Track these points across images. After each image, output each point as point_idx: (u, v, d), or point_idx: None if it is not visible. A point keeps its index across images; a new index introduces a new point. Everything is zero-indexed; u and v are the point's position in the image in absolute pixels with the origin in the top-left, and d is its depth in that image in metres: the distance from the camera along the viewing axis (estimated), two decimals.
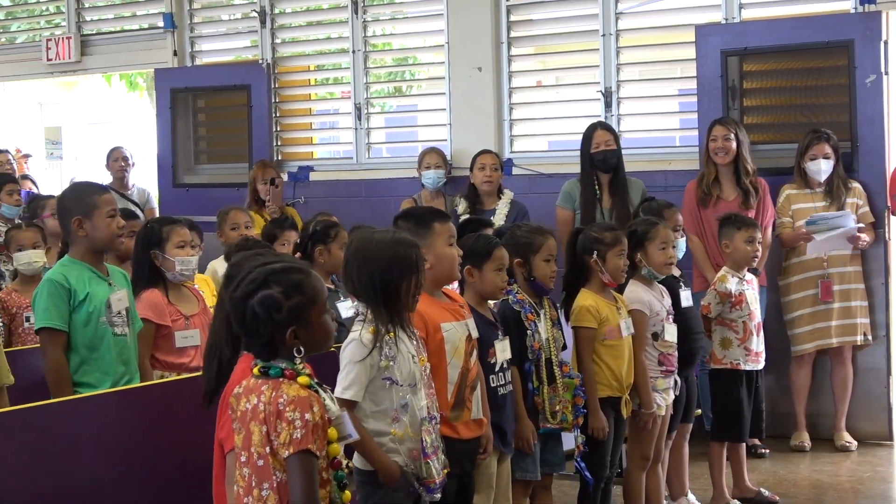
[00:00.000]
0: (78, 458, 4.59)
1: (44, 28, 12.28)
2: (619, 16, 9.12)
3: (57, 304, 5.24)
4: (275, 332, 3.48)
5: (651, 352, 6.21)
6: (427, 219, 4.92)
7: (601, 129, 8.34)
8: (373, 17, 10.26)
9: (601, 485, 5.98)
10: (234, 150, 10.91)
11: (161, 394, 5.18)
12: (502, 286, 5.30)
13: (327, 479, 3.47)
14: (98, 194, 5.44)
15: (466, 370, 4.81)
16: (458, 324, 4.84)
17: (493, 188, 8.70)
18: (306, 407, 3.36)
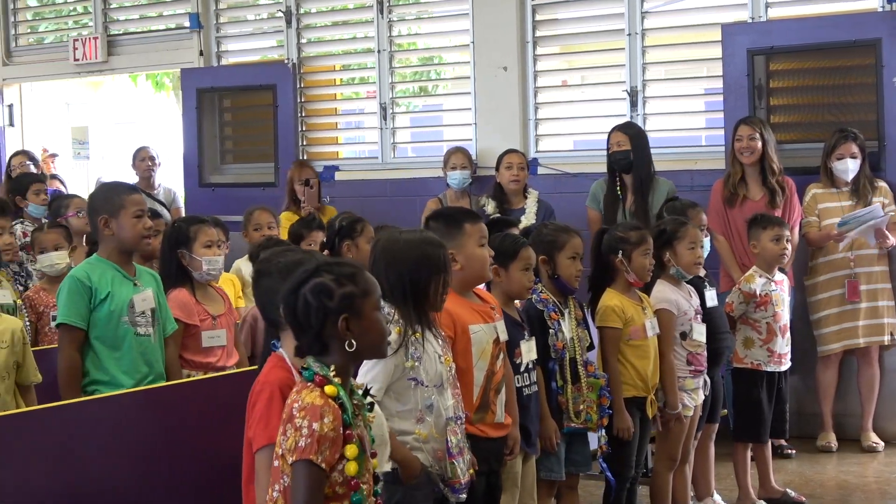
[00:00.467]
0: (103, 457, 4.60)
1: (71, 28, 12.35)
2: (645, 15, 9.10)
3: (76, 302, 5.26)
4: (326, 320, 3.40)
5: (679, 351, 6.19)
6: (458, 219, 4.91)
7: (616, 131, 8.37)
8: (398, 17, 10.27)
9: (626, 485, 5.97)
10: (259, 149, 10.94)
11: (188, 393, 5.19)
12: (529, 286, 5.29)
13: (343, 494, 3.38)
14: (126, 194, 5.45)
15: (492, 372, 4.80)
16: (487, 326, 4.83)
17: (519, 187, 8.70)
18: (316, 416, 3.29)
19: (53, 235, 6.93)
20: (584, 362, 5.61)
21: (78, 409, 4.73)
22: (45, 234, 6.89)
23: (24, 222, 8.37)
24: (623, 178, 8.33)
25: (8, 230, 6.49)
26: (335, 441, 3.31)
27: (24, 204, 8.80)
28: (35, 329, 6.55)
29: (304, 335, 3.44)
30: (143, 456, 4.76)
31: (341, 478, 3.36)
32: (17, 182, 9.24)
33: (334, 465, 3.33)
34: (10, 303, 6.33)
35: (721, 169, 8.45)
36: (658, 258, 6.13)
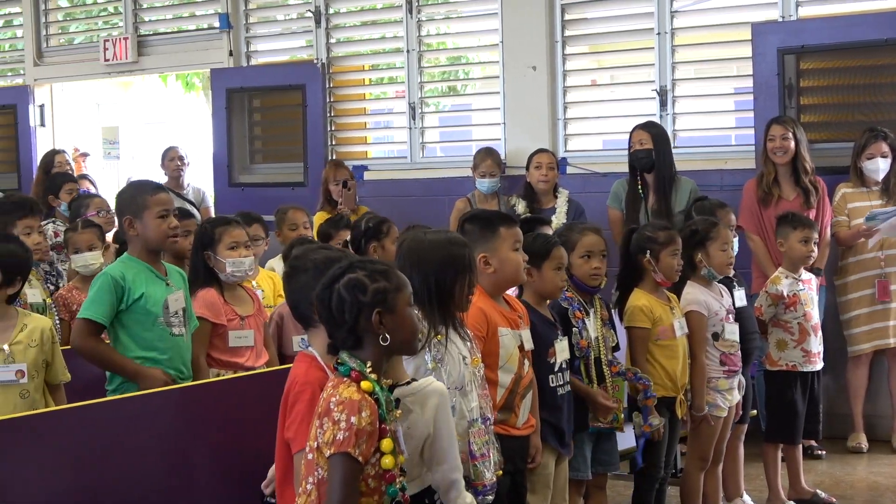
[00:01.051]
0: (130, 456, 4.61)
1: (101, 29, 12.41)
2: (675, 14, 9.08)
3: (104, 299, 5.27)
4: (360, 315, 3.46)
5: (712, 352, 6.17)
6: (494, 223, 4.91)
7: (639, 129, 8.36)
8: (427, 17, 10.28)
9: (655, 485, 5.96)
10: (288, 149, 10.97)
11: (215, 392, 5.20)
12: (562, 285, 5.29)
13: (376, 488, 3.43)
14: (150, 194, 5.44)
15: (519, 377, 4.81)
16: (513, 332, 4.84)
17: (548, 187, 8.70)
18: (354, 410, 3.34)
19: (88, 235, 6.96)
20: (609, 362, 5.60)
21: (105, 409, 4.74)
22: (80, 234, 6.92)
23: (56, 222, 8.41)
24: (645, 177, 8.32)
25: (37, 229, 6.52)
26: (371, 435, 3.36)
27: (57, 203, 8.84)
28: (67, 328, 6.57)
29: (339, 330, 3.49)
30: (170, 455, 4.77)
31: (374, 471, 3.41)
32: (51, 181, 9.29)
33: (368, 459, 3.38)
34: (40, 302, 6.36)
35: (751, 169, 8.43)
36: (689, 259, 6.12)
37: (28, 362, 4.88)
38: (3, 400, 4.82)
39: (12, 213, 6.41)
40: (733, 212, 7.02)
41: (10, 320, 4.92)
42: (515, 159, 9.34)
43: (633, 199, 8.33)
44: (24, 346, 4.89)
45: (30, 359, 4.89)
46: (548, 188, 8.70)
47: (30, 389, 4.89)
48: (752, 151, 8.54)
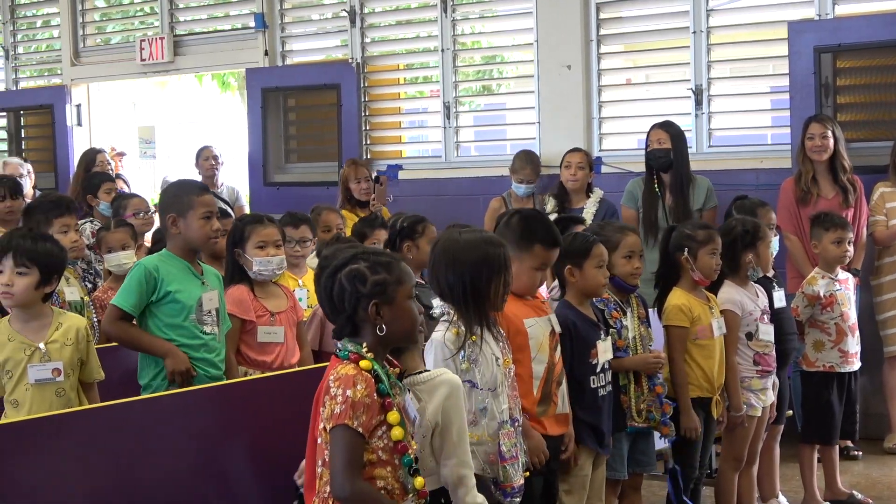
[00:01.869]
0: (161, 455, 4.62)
1: (138, 29, 12.48)
2: (710, 12, 9.04)
3: (135, 290, 5.32)
4: (358, 305, 3.58)
5: (745, 352, 6.15)
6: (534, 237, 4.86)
7: (657, 128, 8.33)
8: (461, 16, 10.28)
9: (690, 485, 5.94)
10: (323, 148, 10.99)
11: (250, 390, 5.21)
12: (604, 283, 5.29)
13: (387, 460, 3.54)
14: (196, 195, 5.49)
15: (552, 365, 4.81)
16: (542, 319, 4.84)
17: (578, 186, 8.67)
18: (349, 384, 3.45)
19: (120, 235, 6.99)
20: None
21: (139, 407, 4.76)
22: (112, 234, 6.95)
23: (94, 221, 8.45)
24: (661, 176, 8.29)
25: (73, 227, 6.55)
26: (370, 407, 3.47)
27: (96, 203, 8.88)
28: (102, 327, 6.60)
29: (338, 317, 3.63)
30: (203, 453, 4.78)
31: (382, 443, 3.52)
32: (88, 181, 9.34)
33: (374, 432, 3.49)
34: (78, 300, 6.39)
35: (787, 168, 8.39)
36: (735, 259, 6.10)
37: (64, 361, 4.91)
38: (40, 398, 4.84)
39: (49, 212, 6.44)
40: (773, 210, 7.00)
41: (46, 319, 4.95)
42: (550, 158, 9.33)
43: (649, 198, 8.29)
44: (59, 344, 4.92)
45: (65, 357, 4.92)
46: (577, 187, 8.68)
47: (65, 388, 4.91)
48: (788, 150, 8.50)
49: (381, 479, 3.54)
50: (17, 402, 4.84)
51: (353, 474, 3.44)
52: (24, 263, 4.84)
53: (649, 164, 8.32)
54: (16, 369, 4.83)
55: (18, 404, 4.83)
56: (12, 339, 4.85)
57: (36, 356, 4.85)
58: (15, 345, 4.84)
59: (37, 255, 4.88)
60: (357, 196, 9.18)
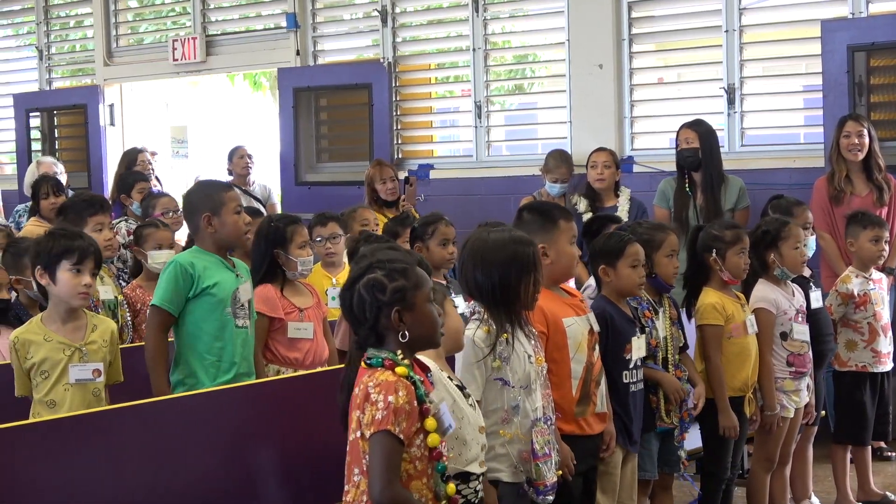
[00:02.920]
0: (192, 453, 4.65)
1: (170, 29, 12.53)
2: (743, 11, 9.01)
3: (173, 287, 5.31)
4: (379, 314, 3.59)
5: (779, 352, 6.11)
6: (553, 215, 4.94)
7: (685, 128, 8.29)
8: (493, 15, 10.28)
9: (722, 486, 5.92)
10: (355, 148, 11.01)
11: (281, 389, 5.23)
12: (640, 281, 5.29)
13: (423, 470, 3.54)
14: (225, 191, 5.54)
15: (591, 364, 4.81)
16: (580, 318, 4.84)
17: (605, 186, 8.63)
18: (390, 390, 3.45)
19: (168, 233, 7.02)
20: (676, 363, 5.58)
21: (170, 406, 4.79)
22: (161, 231, 6.95)
23: (129, 220, 8.48)
24: (693, 175, 8.26)
25: (107, 226, 6.58)
26: (410, 414, 3.47)
27: (129, 202, 8.93)
28: (133, 326, 6.62)
29: (361, 328, 3.64)
30: (233, 452, 4.81)
31: (419, 452, 3.52)
32: (122, 181, 9.39)
33: (412, 441, 3.49)
34: (112, 298, 6.43)
35: (820, 167, 8.34)
36: (761, 259, 6.08)
37: (101, 361, 4.95)
38: (80, 398, 4.87)
39: (83, 211, 6.47)
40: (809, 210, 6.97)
41: (81, 320, 4.98)
42: (581, 158, 9.29)
43: (680, 197, 8.25)
44: (97, 345, 4.96)
45: (100, 358, 4.96)
46: (604, 187, 8.64)
47: (100, 388, 4.96)
48: (821, 149, 8.45)
49: (416, 491, 3.54)
50: (55, 402, 4.85)
51: (392, 480, 3.44)
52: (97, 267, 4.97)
53: (680, 164, 8.29)
54: (53, 370, 4.85)
55: (56, 405, 4.85)
56: (49, 339, 4.88)
57: (76, 356, 4.88)
58: (53, 345, 4.87)
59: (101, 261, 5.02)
60: (383, 196, 9.18)
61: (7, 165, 14.01)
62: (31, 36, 14.01)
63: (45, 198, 8.12)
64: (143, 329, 6.61)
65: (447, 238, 6.43)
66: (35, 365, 4.86)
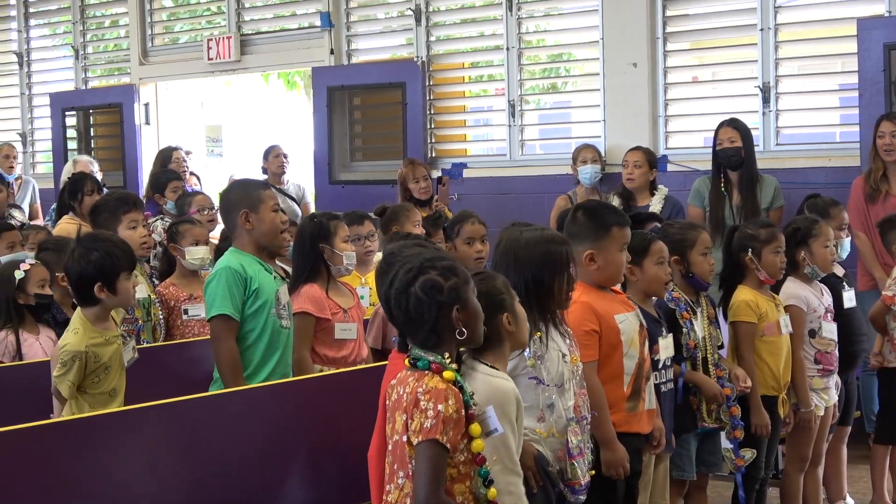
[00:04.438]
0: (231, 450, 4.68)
1: (205, 28, 12.58)
2: (779, 9, 8.96)
3: (233, 293, 5.27)
4: (439, 314, 3.55)
5: (807, 349, 6.10)
6: (608, 221, 4.88)
7: (726, 127, 8.23)
8: (527, 14, 10.27)
9: (756, 486, 5.90)
10: (388, 147, 11.03)
11: (317, 388, 5.24)
12: (666, 279, 5.27)
13: (467, 474, 3.54)
14: (262, 189, 5.52)
15: (642, 360, 4.81)
16: (630, 314, 4.85)
17: (636, 185, 8.59)
18: (441, 398, 3.43)
19: (205, 231, 7.05)
20: (715, 363, 5.56)
21: (204, 403, 4.81)
22: (199, 228, 6.97)
23: (165, 219, 8.52)
24: (728, 174, 8.21)
25: (141, 223, 6.61)
26: (458, 423, 3.46)
27: (163, 201, 8.97)
28: (168, 324, 6.65)
29: (419, 331, 3.58)
30: (270, 450, 4.82)
31: (463, 457, 3.51)
32: (156, 180, 9.43)
33: (457, 445, 3.48)
34: (146, 297, 6.46)
35: (856, 166, 8.29)
36: (791, 257, 6.05)
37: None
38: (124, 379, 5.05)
39: (117, 209, 6.49)
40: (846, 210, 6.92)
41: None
42: (615, 156, 9.30)
43: (717, 197, 8.21)
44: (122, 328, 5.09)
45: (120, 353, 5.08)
46: (636, 186, 8.60)
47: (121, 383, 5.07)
48: (857, 149, 8.40)
49: (460, 494, 3.55)
50: (115, 390, 4.99)
51: (437, 489, 3.43)
52: None
53: (718, 163, 8.24)
54: (112, 362, 4.97)
55: (116, 391, 4.99)
56: (108, 339, 4.98)
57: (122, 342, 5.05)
58: (110, 341, 4.98)
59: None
60: (416, 195, 9.18)
61: (43, 164, 14.10)
62: (67, 35, 14.10)
63: (90, 194, 8.14)
64: (178, 325, 6.66)
65: (472, 237, 6.43)
66: (102, 365, 4.94)
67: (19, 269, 5.82)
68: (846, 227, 6.69)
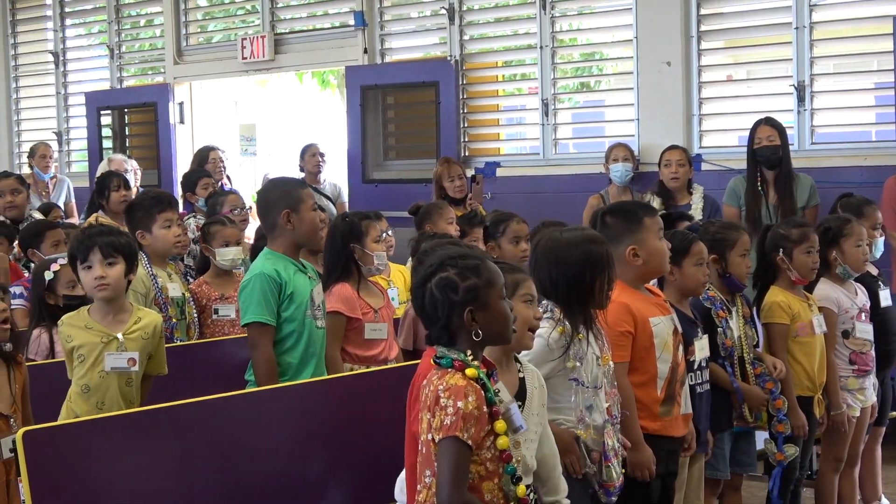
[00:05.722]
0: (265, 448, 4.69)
1: (239, 27, 12.63)
2: (814, 8, 8.91)
3: (268, 299, 5.26)
4: (452, 313, 3.55)
5: (841, 350, 6.07)
6: (637, 213, 4.90)
7: (765, 125, 8.18)
8: (560, 13, 10.25)
9: (791, 486, 5.87)
10: (422, 146, 11.04)
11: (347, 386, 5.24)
12: (704, 280, 5.26)
13: (494, 471, 3.54)
14: (301, 189, 5.51)
15: (676, 364, 4.79)
16: (665, 318, 4.82)
17: (679, 184, 8.59)
18: (460, 395, 3.43)
19: (236, 231, 7.06)
20: (752, 361, 5.54)
21: (237, 402, 4.82)
22: (229, 229, 6.98)
23: (198, 217, 8.56)
24: (764, 173, 8.17)
25: (176, 222, 6.63)
26: (480, 419, 3.46)
27: (195, 199, 9.01)
28: (200, 322, 6.67)
29: (433, 326, 3.61)
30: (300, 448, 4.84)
31: (490, 454, 3.51)
32: (186, 178, 9.47)
33: (482, 443, 3.48)
34: (180, 296, 6.48)
35: (892, 165, 8.24)
36: (823, 257, 6.02)
37: (139, 352, 5.03)
38: (114, 386, 4.97)
39: (152, 208, 6.51)
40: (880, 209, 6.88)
41: (126, 313, 5.07)
42: (648, 155, 9.28)
43: (753, 196, 8.16)
44: (137, 337, 5.04)
45: (139, 349, 5.04)
46: (679, 185, 8.60)
47: (133, 378, 5.03)
48: (894, 147, 8.36)
49: (489, 492, 3.54)
50: (88, 387, 4.96)
51: (459, 486, 3.44)
52: (111, 254, 4.98)
53: (755, 161, 8.19)
54: (89, 355, 4.96)
55: (89, 390, 4.95)
56: (90, 327, 4.99)
57: (113, 345, 4.98)
58: (92, 333, 4.98)
59: (119, 244, 5.03)
60: (451, 194, 9.19)
61: (78, 163, 14.19)
62: (102, 35, 14.19)
63: (116, 190, 8.20)
64: (208, 324, 6.68)
65: (518, 236, 6.44)
66: (74, 349, 4.97)
67: (49, 270, 5.86)
68: (880, 226, 6.64)
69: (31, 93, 14.61)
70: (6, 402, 4.77)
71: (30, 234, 7.41)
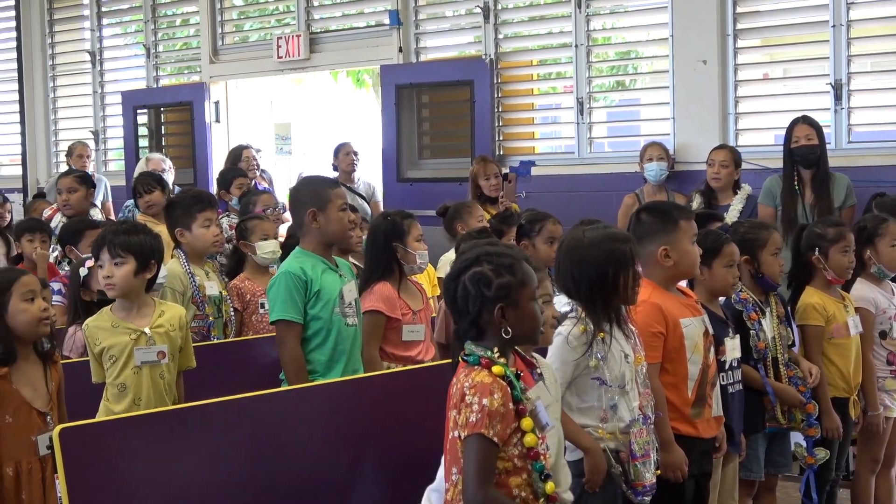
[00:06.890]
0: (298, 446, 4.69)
1: (274, 27, 12.67)
2: (851, 6, 8.85)
3: (293, 297, 5.31)
4: (482, 308, 3.57)
5: (879, 351, 6.03)
6: (673, 215, 4.90)
7: (802, 124, 8.11)
8: (595, 11, 10.23)
9: (826, 487, 5.84)
10: (456, 145, 11.05)
11: (383, 385, 5.24)
12: (734, 282, 5.24)
13: (522, 468, 3.54)
14: (331, 188, 5.54)
15: (707, 366, 4.78)
16: (696, 319, 4.81)
17: (722, 185, 8.51)
18: (486, 392, 3.45)
19: (273, 225, 7.09)
20: (786, 362, 5.51)
21: (270, 400, 4.83)
22: (267, 223, 7.02)
23: (231, 215, 8.60)
24: (801, 172, 8.11)
25: (215, 221, 6.66)
26: (505, 416, 3.47)
27: (229, 198, 9.05)
28: (240, 318, 6.69)
29: (462, 320, 3.63)
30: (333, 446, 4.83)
31: (517, 451, 3.52)
32: (221, 177, 9.52)
33: (509, 440, 3.49)
34: (217, 294, 6.50)
35: None
36: (858, 256, 5.98)
37: (168, 345, 5.06)
38: (148, 382, 5.00)
39: (191, 207, 6.55)
40: None
41: (148, 308, 5.12)
42: (684, 154, 9.25)
43: (790, 195, 8.10)
44: (164, 330, 5.07)
45: (168, 342, 5.07)
46: (721, 185, 8.52)
47: (166, 372, 5.05)
48: None
49: (516, 487, 3.55)
50: (125, 385, 4.99)
51: (485, 483, 3.45)
52: (118, 254, 5.03)
53: (793, 160, 8.14)
54: (121, 354, 4.99)
55: (126, 388, 4.98)
56: (116, 325, 5.03)
57: (142, 340, 5.01)
58: (120, 331, 5.01)
59: (129, 244, 5.06)
60: (487, 193, 9.19)
61: (115, 162, 14.28)
62: (138, 34, 14.26)
63: (140, 196, 8.26)
64: (252, 321, 6.70)
65: (553, 236, 6.43)
66: (104, 350, 5.00)
67: (84, 267, 5.90)
68: None
69: (68, 92, 14.71)
70: (43, 399, 4.81)
71: (69, 232, 7.47)
